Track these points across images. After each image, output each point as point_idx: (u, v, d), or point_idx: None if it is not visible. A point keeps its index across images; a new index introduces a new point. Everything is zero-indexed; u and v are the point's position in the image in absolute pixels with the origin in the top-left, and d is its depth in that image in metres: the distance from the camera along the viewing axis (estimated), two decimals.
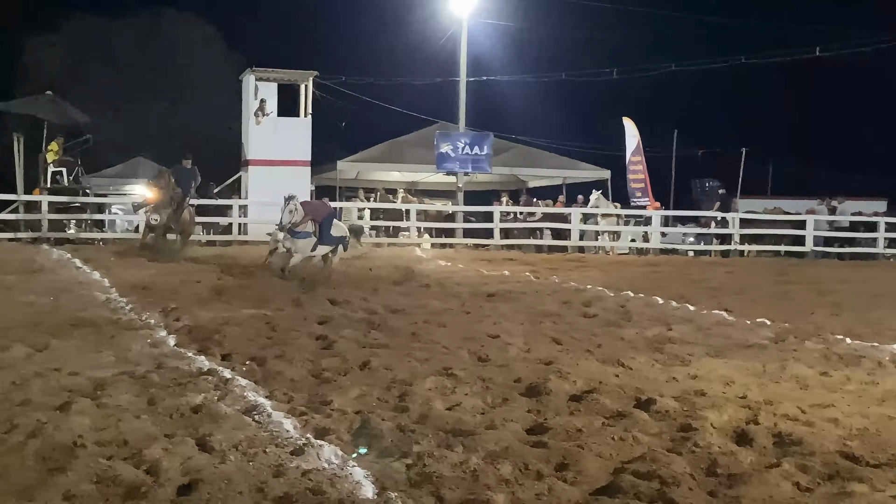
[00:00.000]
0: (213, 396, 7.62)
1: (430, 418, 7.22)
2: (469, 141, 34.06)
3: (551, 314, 13.82)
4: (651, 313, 14.17)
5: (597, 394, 8.06)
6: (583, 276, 20.61)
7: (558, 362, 9.57)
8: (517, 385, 8.56)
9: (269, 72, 31.86)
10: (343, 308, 13.77)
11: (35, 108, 32.26)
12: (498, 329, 11.98)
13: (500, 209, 32.17)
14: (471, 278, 19.75)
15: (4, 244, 25.70)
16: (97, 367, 8.82)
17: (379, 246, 29.92)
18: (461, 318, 13.14)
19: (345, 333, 11.15)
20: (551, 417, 7.40)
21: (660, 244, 32.07)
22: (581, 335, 11.77)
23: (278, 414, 7.16)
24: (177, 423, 6.92)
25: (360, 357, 9.63)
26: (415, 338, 11.13)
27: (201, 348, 10.05)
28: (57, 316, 12.03)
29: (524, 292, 17.06)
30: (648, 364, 9.71)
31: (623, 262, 27.34)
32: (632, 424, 7.17)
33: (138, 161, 38.89)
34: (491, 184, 40.33)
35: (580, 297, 16.21)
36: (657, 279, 20.59)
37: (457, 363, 9.49)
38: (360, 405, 7.60)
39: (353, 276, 18.83)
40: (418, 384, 8.31)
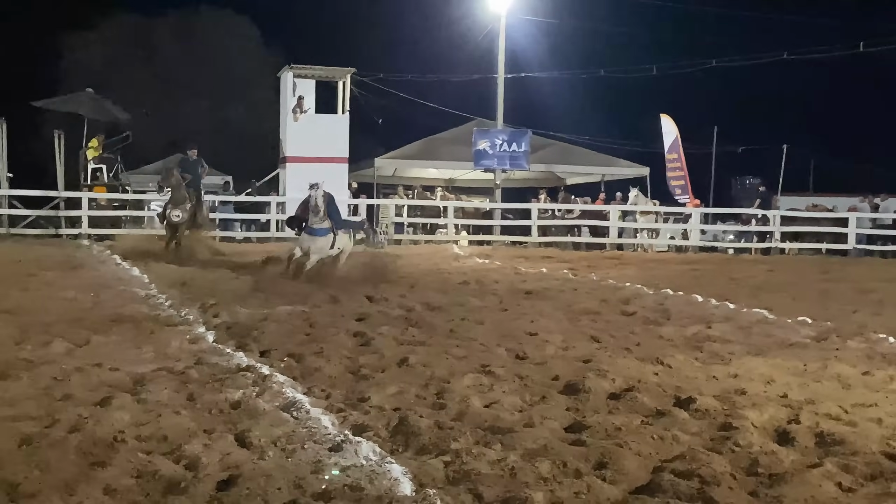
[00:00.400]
0: (251, 392, 7.66)
1: (467, 415, 7.22)
2: (507, 138, 34.02)
3: (589, 312, 13.78)
4: (690, 311, 14.09)
5: (636, 392, 8.02)
6: (621, 274, 20.53)
7: (597, 360, 9.54)
8: (555, 383, 8.54)
9: (307, 69, 32.01)
10: (380, 305, 13.79)
11: (75, 105, 32.63)
12: (536, 326, 11.96)
13: (537, 206, 32.14)
14: (508, 276, 19.73)
15: (45, 240, 25.98)
16: (137, 362, 8.90)
17: (416, 243, 29.98)
18: (499, 316, 13.13)
19: (382, 330, 11.16)
20: (590, 415, 7.37)
21: (699, 242, 31.90)
22: (620, 333, 11.72)
23: (316, 410, 7.19)
24: (216, 418, 6.96)
25: (397, 354, 9.64)
26: (452, 335, 11.13)
27: (240, 345, 10.10)
28: (97, 312, 12.14)
29: (562, 290, 17.02)
30: (688, 362, 9.65)
31: (662, 259, 27.20)
32: (671, 423, 7.13)
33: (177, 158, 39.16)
34: (529, 181, 40.25)
35: (619, 295, 16.15)
36: (697, 277, 20.48)
37: (495, 360, 9.48)
38: (398, 402, 7.60)
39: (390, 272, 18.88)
40: (456, 381, 8.31)
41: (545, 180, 39.99)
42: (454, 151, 35.52)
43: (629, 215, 32.43)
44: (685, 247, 31.67)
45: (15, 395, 7.41)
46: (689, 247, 31.46)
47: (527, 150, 34.08)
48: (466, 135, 35.03)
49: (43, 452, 5.92)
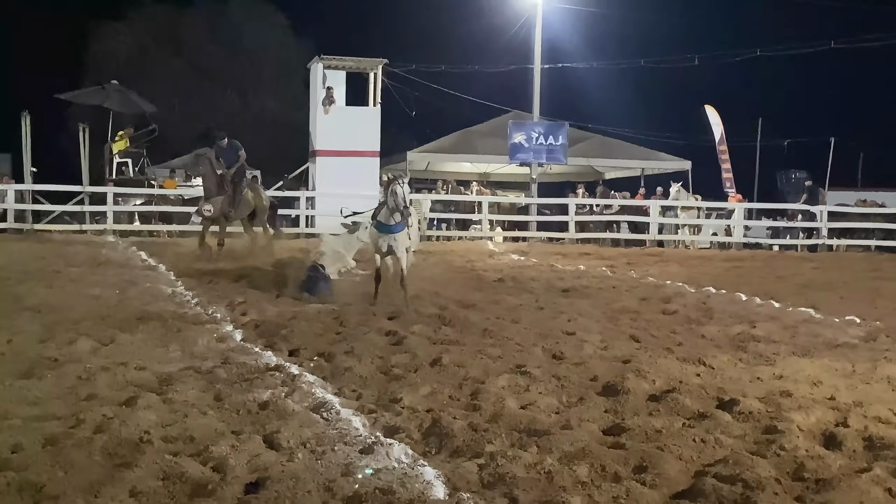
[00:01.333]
0: (280, 393, 7.69)
1: (503, 417, 7.21)
2: (543, 131, 33.94)
3: (629, 310, 13.74)
4: (734, 310, 14.01)
5: (677, 393, 7.99)
6: (662, 272, 20.46)
7: (636, 360, 9.50)
8: (593, 384, 8.52)
9: (337, 60, 32.09)
10: (413, 303, 13.79)
11: (101, 97, 32.82)
12: (573, 326, 11.94)
13: (575, 201, 32.06)
14: (545, 273, 19.71)
15: (70, 236, 26.21)
16: (163, 361, 8.97)
17: (449, 239, 29.99)
18: (535, 314, 13.12)
19: (415, 329, 11.18)
20: (629, 417, 7.35)
21: (743, 238, 31.72)
22: (660, 333, 11.69)
23: (347, 411, 7.21)
24: (244, 419, 7.00)
25: (430, 353, 9.65)
26: (487, 334, 11.12)
27: (268, 343, 10.15)
28: (123, 309, 12.23)
29: (601, 288, 16.98)
30: (731, 363, 9.60)
31: (704, 256, 27.05)
32: (714, 426, 7.10)
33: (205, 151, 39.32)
34: (566, 175, 40.17)
35: (659, 293, 16.09)
36: (740, 275, 20.36)
37: (531, 360, 9.47)
38: (431, 403, 7.61)
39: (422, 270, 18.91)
40: (491, 382, 8.31)
41: (583, 174, 39.89)
42: (489, 145, 35.52)
43: (670, 211, 32.29)
44: (728, 243, 31.51)
45: (40, 395, 7.49)
46: (733, 243, 31.29)
47: (564, 144, 33.99)
48: (502, 128, 34.99)
49: (68, 453, 5.96)
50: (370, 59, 32.36)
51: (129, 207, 29.82)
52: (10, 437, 6.27)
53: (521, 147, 33.79)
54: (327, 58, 31.95)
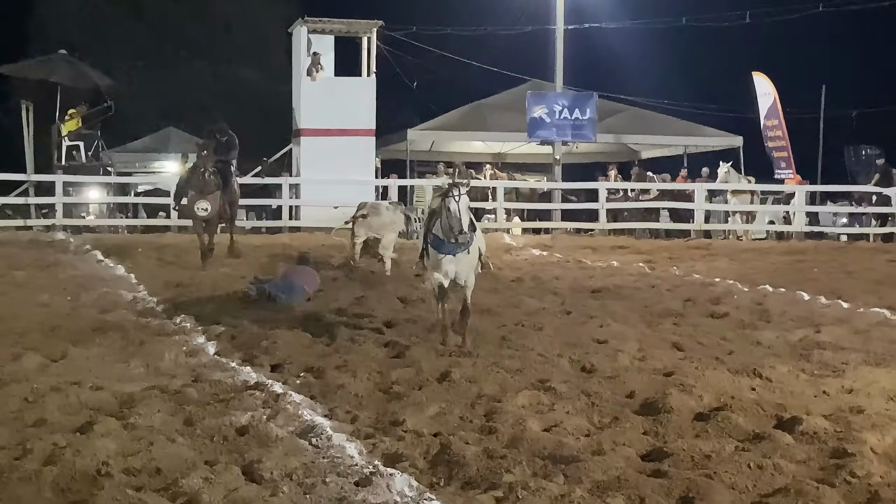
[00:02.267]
0: (261, 415, 7.70)
1: (523, 441, 7.22)
2: (568, 103, 33.84)
3: (671, 314, 13.74)
4: (795, 312, 13.99)
5: (728, 411, 7.99)
6: (710, 267, 20.44)
7: (680, 373, 9.50)
8: (630, 401, 8.52)
9: (324, 22, 31.97)
10: (416, 307, 13.82)
11: (46, 70, 32.76)
12: (606, 332, 11.94)
13: (606, 186, 31.99)
14: (572, 271, 19.71)
15: (12, 233, 26.23)
16: (124, 380, 8.98)
17: None
18: (561, 320, 13.14)
19: (419, 339, 11.20)
20: (672, 440, 7.35)
21: (805, 227, 31.64)
22: (708, 339, 11.69)
23: (340, 436, 7.22)
24: (219, 447, 7.01)
25: (437, 367, 9.66)
26: (504, 343, 11.14)
27: (247, 357, 10.17)
28: (76, 319, 12.26)
29: (637, 287, 16.98)
30: (792, 375, 9.60)
31: (759, 249, 27.01)
32: (772, 449, 7.09)
33: (169, 132, 39.33)
34: (595, 155, 40.11)
35: (707, 293, 16.08)
36: (802, 270, 20.33)
37: (556, 374, 9.48)
38: (439, 425, 7.62)
39: None
40: (509, 400, 8.32)
41: (615, 154, 39.82)
42: (504, 120, 35.42)
43: (718, 195, 32.20)
44: (787, 233, 31.42)
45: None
46: (793, 233, 31.21)
47: (593, 118, 33.90)
48: (519, 100, 34.89)
49: (13, 489, 5.99)
50: (363, 20, 32.25)
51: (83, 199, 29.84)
52: None
53: (541, 123, 33.70)
54: (312, 20, 31.83)
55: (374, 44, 31.98)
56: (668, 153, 39.79)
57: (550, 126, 33.57)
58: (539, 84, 36.44)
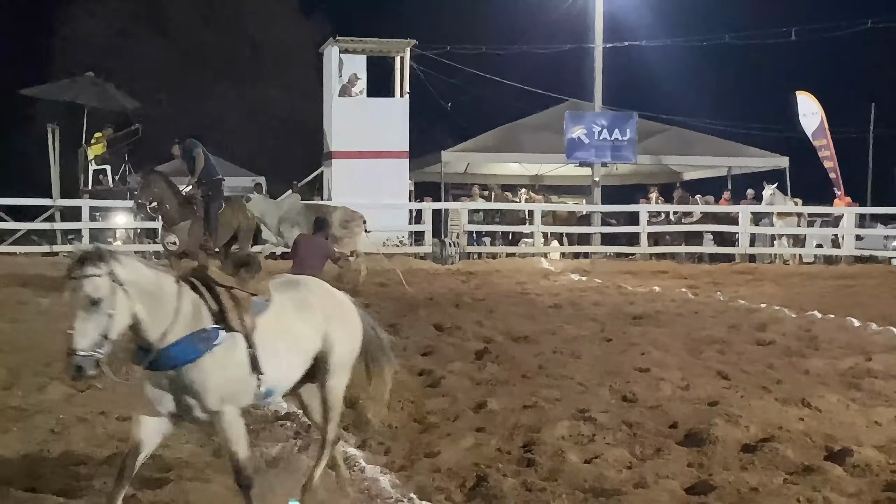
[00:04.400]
0: (291, 446, 7.72)
1: (563, 474, 7.21)
2: (607, 123, 33.84)
3: (715, 341, 13.68)
4: (845, 339, 13.91)
5: (776, 442, 7.95)
6: (755, 293, 20.34)
7: (726, 402, 9.46)
8: (673, 432, 8.49)
9: (356, 42, 32.08)
10: (452, 335, 13.82)
11: (73, 92, 33.02)
12: (647, 360, 11.91)
13: (647, 208, 31.93)
14: (612, 296, 19.66)
15: (38, 259, 26.39)
16: None
17: (495, 257, 29.97)
18: (600, 347, 13.10)
19: (454, 367, 11.21)
20: (718, 473, 7.32)
21: (854, 250, 31.47)
22: (754, 368, 11.63)
23: (373, 468, 7.23)
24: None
25: (473, 397, 9.66)
26: (542, 372, 11.12)
27: None
28: None
29: (680, 313, 16.93)
30: (842, 404, 9.53)
31: (807, 273, 26.90)
32: (822, 482, 7.05)
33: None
34: (636, 177, 40.07)
35: (752, 320, 16.01)
36: (852, 295, 20.22)
37: (596, 404, 9.46)
38: (475, 458, 7.61)
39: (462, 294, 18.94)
40: (547, 431, 8.30)
41: (656, 175, 39.76)
42: (541, 141, 35.42)
43: (764, 218, 32.09)
44: (836, 257, 31.26)
45: (2, 452, 7.53)
46: (842, 257, 31.05)
47: (633, 139, 33.88)
48: (557, 120, 34.90)
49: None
50: (396, 40, 32.35)
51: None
52: None
53: (580, 143, 33.71)
54: (344, 39, 31.95)
55: (408, 63, 32.04)
56: (711, 174, 39.67)
57: (589, 147, 33.54)
58: (577, 104, 36.45)
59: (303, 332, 6.36)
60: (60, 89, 34.78)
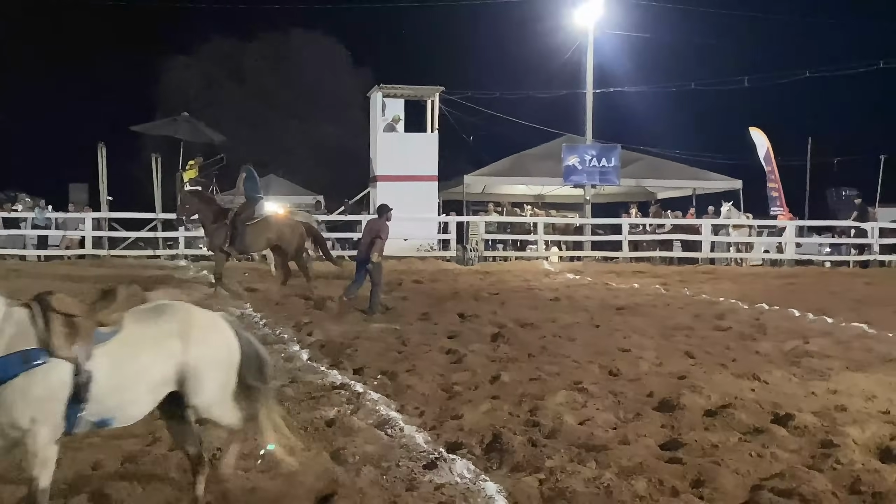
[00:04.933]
0: (346, 410, 7.73)
1: (561, 433, 7.20)
2: (596, 153, 33.78)
3: (683, 327, 13.64)
4: (787, 326, 13.85)
5: (732, 409, 7.92)
6: (715, 289, 20.26)
7: (691, 376, 9.44)
8: (650, 399, 8.47)
9: (396, 88, 32.25)
10: (472, 322, 13.83)
11: (172, 128, 33.19)
12: (629, 343, 11.88)
13: (628, 221, 31.86)
14: (600, 291, 19.62)
15: (144, 261, 26.54)
16: None
17: (506, 260, 29.96)
18: (591, 332, 13.07)
19: (474, 347, 11.21)
20: (685, 433, 7.29)
21: (795, 255, 31.31)
22: (714, 349, 11.59)
23: (410, 428, 7.24)
24: (312, 435, 7.04)
25: (489, 371, 9.66)
26: (545, 352, 11.11)
27: (333, 363, 10.23)
28: None
29: (655, 305, 16.88)
30: (786, 378, 9.49)
31: (756, 273, 26.77)
32: (770, 440, 7.02)
33: (270, 178, 39.68)
34: (619, 196, 39.94)
35: (713, 310, 15.95)
36: (793, 291, 20.11)
37: (587, 377, 9.44)
38: (491, 419, 7.61)
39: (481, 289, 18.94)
40: (549, 398, 8.29)
41: (635, 195, 39.64)
42: (543, 167, 35.40)
43: (722, 229, 31.98)
44: (780, 260, 31.11)
45: None
46: (784, 260, 30.90)
47: (616, 165, 33.82)
48: (555, 151, 34.88)
49: (146, 470, 6.04)
50: (427, 87, 32.46)
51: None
52: (90, 454, 6.36)
53: (574, 169, 33.65)
54: (386, 86, 32.13)
55: (437, 105, 32.17)
56: (679, 194, 39.58)
57: (582, 172, 33.52)
58: (572, 138, 36.43)
59: (152, 363, 5.21)
60: (162, 126, 35.03)
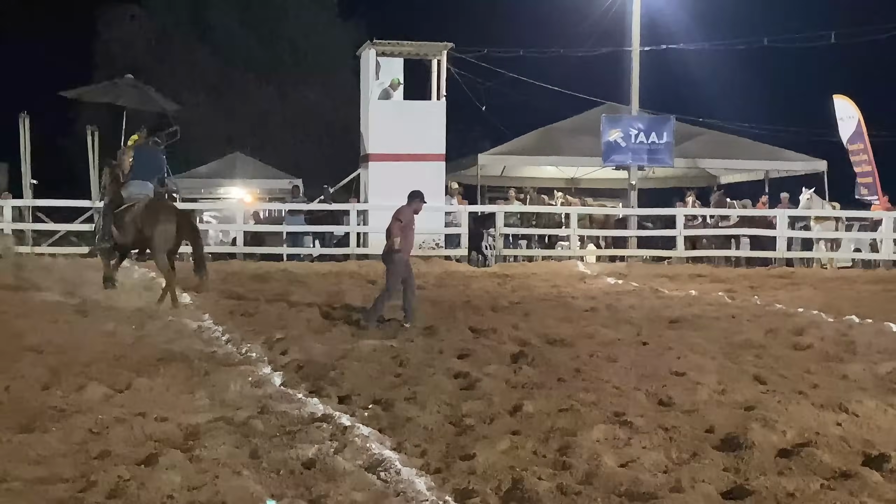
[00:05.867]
0: (328, 448, 7.72)
1: (598, 477, 7.18)
2: (644, 126, 33.74)
3: (752, 345, 13.61)
4: (884, 344, 13.79)
5: (813, 447, 7.89)
6: (792, 297, 20.22)
7: (762, 407, 9.40)
8: (709, 436, 8.44)
9: (393, 45, 32.02)
10: (488, 338, 13.81)
11: (113, 94, 33.11)
12: (684, 364, 11.85)
13: (684, 212, 31.82)
14: (648, 300, 19.60)
15: (78, 260, 26.52)
16: (189, 411, 9.05)
17: (531, 260, 29.95)
18: (637, 351, 13.05)
19: (490, 370, 11.20)
20: (754, 478, 7.27)
21: (893, 255, 31.25)
22: (791, 372, 11.55)
23: (409, 471, 7.22)
24: (285, 481, 7.04)
25: (509, 400, 9.64)
26: (578, 375, 11.09)
27: (314, 388, 10.22)
28: (141, 349, 12.37)
29: (717, 317, 16.85)
30: (880, 409, 9.45)
31: (845, 277, 26.72)
32: (860, 487, 7.00)
33: (236, 157, 39.74)
34: (672, 180, 39.94)
35: (789, 324, 15.91)
36: (891, 300, 20.06)
37: (632, 407, 9.42)
38: (511, 460, 7.60)
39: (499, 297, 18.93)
40: (583, 434, 8.27)
41: (693, 179, 39.64)
42: (577, 145, 35.37)
43: (801, 222, 31.92)
44: (875, 261, 31.05)
45: (44, 452, 7.58)
46: (881, 261, 30.84)
47: (670, 142, 33.77)
48: (593, 124, 34.83)
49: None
50: (432, 43, 32.25)
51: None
52: (9, 502, 6.36)
53: (616, 147, 33.62)
54: (381, 42, 31.88)
55: (444, 66, 31.97)
56: (748, 178, 39.58)
57: (626, 150, 33.46)
58: (614, 107, 36.41)
59: None
60: (100, 92, 34.85)
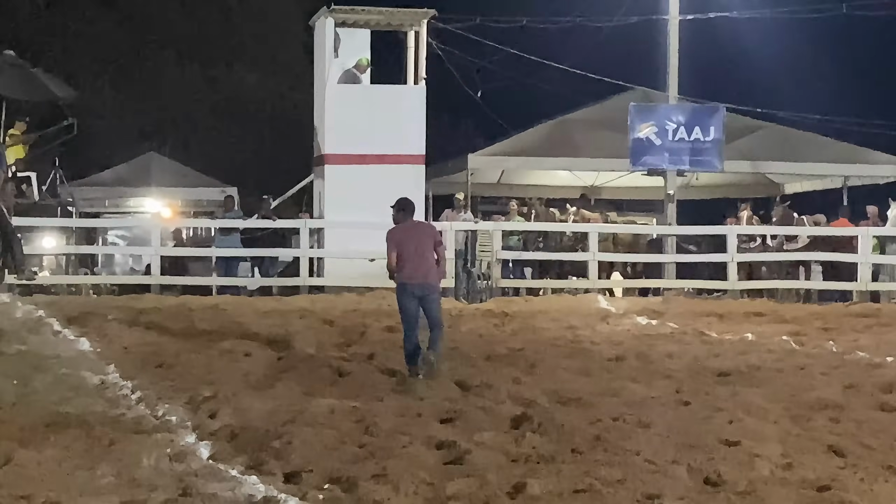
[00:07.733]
0: None
1: None
2: (685, 119, 33.82)
3: (828, 405, 13.64)
4: None
5: None
6: (880, 342, 20.28)
7: (840, 486, 9.43)
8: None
9: (356, 12, 31.73)
10: (481, 396, 13.83)
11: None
12: (738, 430, 11.88)
13: (738, 230, 31.90)
14: (691, 346, 19.65)
15: None
16: (88, 493, 9.02)
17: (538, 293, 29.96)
18: (676, 413, 13.09)
19: (483, 438, 11.21)
20: None
21: None
22: (878, 441, 11.58)
23: None
24: None
25: (508, 478, 9.65)
26: (599, 445, 11.10)
27: (253, 462, 10.21)
28: (25, 411, 12.34)
29: (780, 369, 16.91)
30: None
31: None
32: None
33: (150, 159, 39.71)
34: (723, 189, 40.14)
35: (876, 377, 15.97)
36: None
37: (670, 487, 9.44)
38: None
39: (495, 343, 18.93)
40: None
41: (749, 187, 39.79)
42: (598, 143, 35.44)
43: (892, 243, 32.03)
44: None
45: None
46: None
47: (718, 139, 33.85)
48: (618, 115, 34.94)
49: None
50: (408, 9, 32.21)
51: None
52: None
53: (649, 146, 33.69)
54: (341, 9, 31.46)
55: (424, 41, 31.84)
56: (821, 186, 39.67)
57: (661, 150, 33.53)
58: (646, 94, 36.53)
59: None
60: None
